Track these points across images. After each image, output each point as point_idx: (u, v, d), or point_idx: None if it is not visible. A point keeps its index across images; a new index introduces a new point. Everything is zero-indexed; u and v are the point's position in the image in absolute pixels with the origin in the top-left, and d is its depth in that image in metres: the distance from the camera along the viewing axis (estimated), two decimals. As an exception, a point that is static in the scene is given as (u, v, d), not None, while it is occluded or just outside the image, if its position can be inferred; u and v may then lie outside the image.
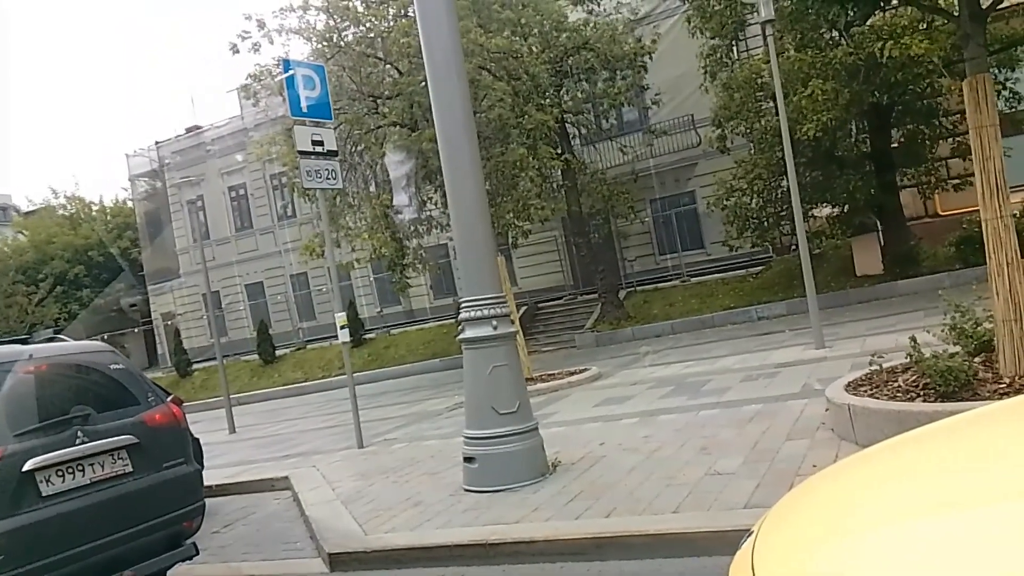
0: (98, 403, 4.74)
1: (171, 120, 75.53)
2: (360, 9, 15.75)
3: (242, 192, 32.09)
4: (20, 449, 4.19)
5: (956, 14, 6.14)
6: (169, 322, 33.46)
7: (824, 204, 17.99)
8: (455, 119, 6.52)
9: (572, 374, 13.11)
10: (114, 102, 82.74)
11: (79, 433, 4.46)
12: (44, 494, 4.22)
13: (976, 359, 5.83)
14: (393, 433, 11.00)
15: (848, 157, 17.37)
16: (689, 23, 17.39)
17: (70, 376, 4.91)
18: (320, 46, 15.44)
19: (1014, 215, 5.67)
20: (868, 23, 14.48)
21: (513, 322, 7.27)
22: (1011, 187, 5.73)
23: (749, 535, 1.88)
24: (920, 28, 13.88)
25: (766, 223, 18.49)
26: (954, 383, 5.33)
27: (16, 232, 37.32)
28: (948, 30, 12.94)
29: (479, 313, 6.35)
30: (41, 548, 4.08)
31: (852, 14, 14.46)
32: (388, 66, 15.72)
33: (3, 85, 77.56)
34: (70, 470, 4.37)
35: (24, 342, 5.03)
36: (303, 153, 9.82)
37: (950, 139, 17.61)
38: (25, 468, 4.15)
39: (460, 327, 6.62)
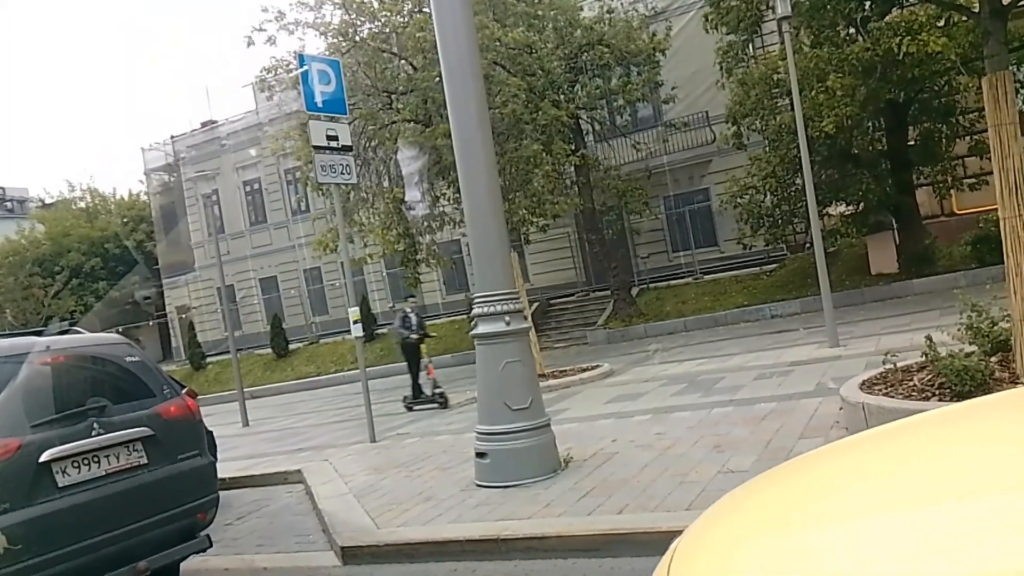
0: (114, 395, 4.77)
1: (186, 114, 75.95)
2: (375, 4, 15.76)
3: (256, 186, 32.22)
4: (37, 440, 4.22)
5: (976, 11, 6.09)
6: (184, 315, 33.66)
7: (839, 202, 17.88)
8: (470, 115, 6.52)
9: (584, 371, 13.10)
10: (130, 96, 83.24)
11: (95, 425, 4.49)
12: (60, 485, 4.25)
13: (992, 359, 5.79)
14: (405, 428, 11.03)
15: (864, 155, 17.25)
16: (707, 20, 17.30)
17: (86, 368, 4.94)
18: (335, 41, 15.47)
19: (1033, 214, 5.61)
20: (885, 19, 14.38)
21: (526, 318, 7.27)
22: (1030, 186, 5.68)
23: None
24: (938, 25, 13.76)
25: (780, 221, 18.41)
26: (970, 382, 5.29)
27: (33, 223, 37.54)
28: (967, 27, 12.84)
29: (492, 309, 6.36)
30: (57, 538, 4.11)
31: (869, 9, 14.42)
32: (403, 62, 15.75)
33: (22, 79, 78.21)
34: (86, 461, 4.40)
35: (38, 335, 5.07)
36: (318, 148, 9.85)
37: (967, 137, 17.46)
38: (42, 459, 4.18)
39: (473, 323, 6.63)
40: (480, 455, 6.44)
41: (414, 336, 13.24)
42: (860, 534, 1.42)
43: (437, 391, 12.74)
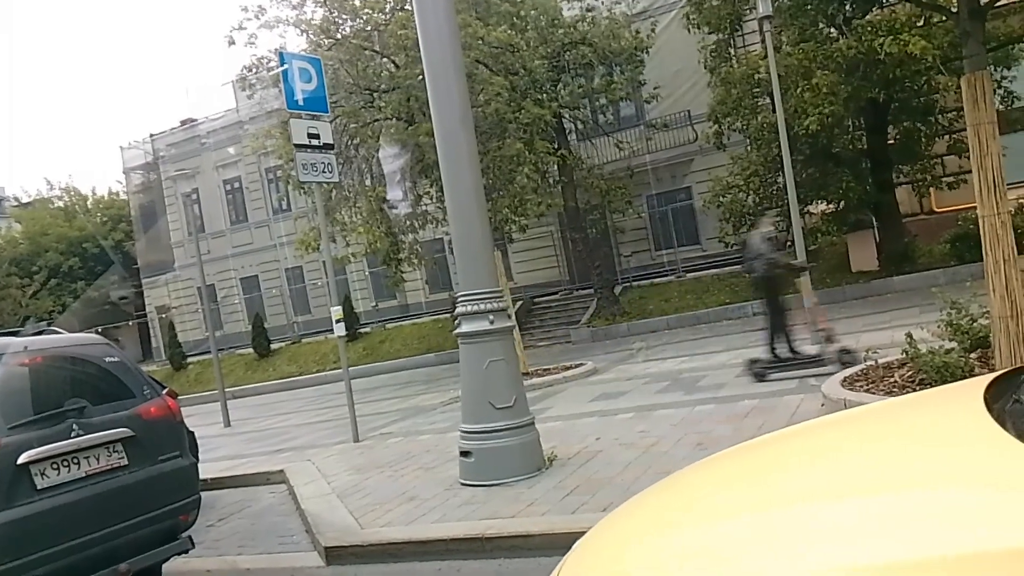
0: (93, 396, 4.72)
1: (166, 112, 75.28)
2: (357, 2, 15.69)
3: (237, 185, 32.00)
4: (15, 442, 4.17)
5: (955, 11, 6.15)
6: (164, 315, 33.38)
7: (820, 201, 18.01)
8: (452, 113, 6.51)
9: (567, 369, 13.12)
10: (109, 94, 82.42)
11: (74, 426, 4.43)
12: (39, 487, 4.19)
13: (972, 355, 5.86)
14: (388, 427, 10.99)
15: (844, 154, 17.37)
16: (688, 19, 17.37)
17: (65, 368, 4.88)
18: (317, 38, 15.39)
19: (1011, 212, 5.68)
20: (866, 18, 14.48)
21: (509, 317, 7.26)
22: (1008, 184, 5.74)
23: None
24: (918, 25, 13.88)
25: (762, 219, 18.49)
26: (950, 379, 5.34)
27: (10, 222, 37.12)
28: (946, 27, 12.96)
29: (476, 307, 6.35)
30: (36, 541, 4.06)
31: (850, 9, 14.55)
32: (385, 59, 15.68)
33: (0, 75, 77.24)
34: (65, 463, 4.35)
35: (15, 335, 5.00)
36: (299, 146, 9.79)
37: (946, 136, 17.64)
38: (20, 461, 4.13)
39: (456, 321, 6.62)
40: (464, 454, 6.43)
41: (795, 262, 9.36)
42: (740, 530, 1.52)
43: (838, 348, 8.52)
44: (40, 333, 5.16)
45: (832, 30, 15.61)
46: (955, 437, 1.70)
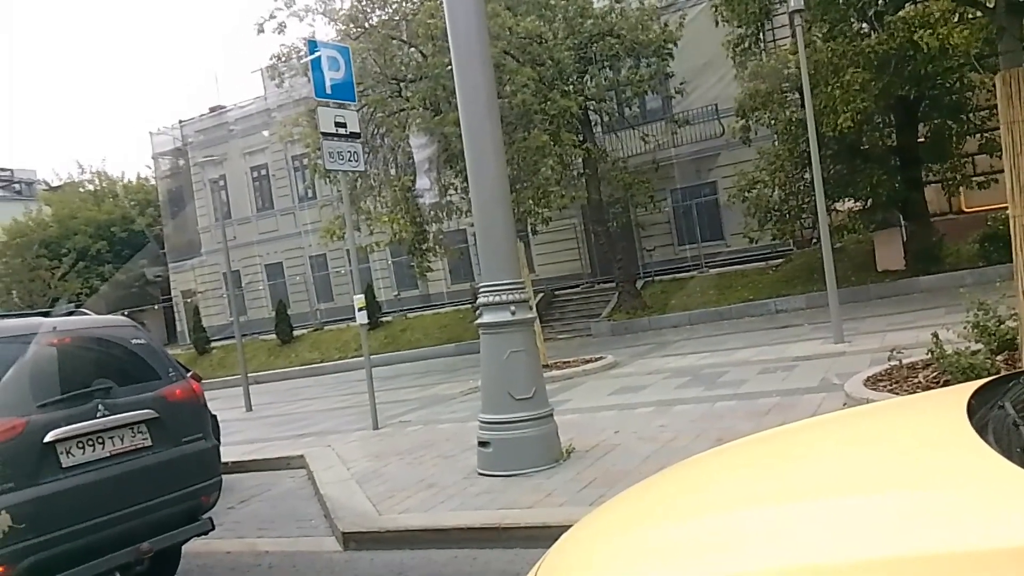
0: (119, 377, 4.78)
1: (195, 99, 75.93)
2: (386, -9, 15.71)
3: (264, 172, 32.22)
4: (42, 420, 4.23)
5: (991, 6, 6.04)
6: (189, 299, 33.74)
7: (847, 198, 17.81)
8: (479, 103, 6.50)
9: (587, 362, 13.11)
10: (140, 80, 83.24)
11: (100, 406, 4.49)
12: (64, 465, 4.26)
13: (999, 357, 5.78)
14: (408, 415, 11.05)
15: (873, 151, 17.17)
16: (716, 11, 17.19)
17: (93, 349, 4.95)
18: (345, 27, 15.44)
19: (1043, 213, 5.58)
20: (899, 13, 14.26)
21: (531, 308, 7.27)
22: (1041, 184, 5.64)
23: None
24: (952, 20, 13.65)
25: (787, 216, 18.34)
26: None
27: (40, 205, 37.64)
28: (981, 23, 12.73)
29: (497, 298, 6.36)
30: (60, 518, 4.12)
31: (882, 4, 14.33)
32: (412, 49, 15.69)
33: (32, 61, 78.29)
34: (90, 442, 4.41)
35: (45, 316, 5.08)
36: (326, 134, 9.84)
37: (977, 135, 17.35)
38: (47, 439, 4.19)
39: (478, 312, 6.63)
40: (483, 444, 6.45)
41: None
42: (709, 528, 1.59)
43: None
44: (70, 314, 5.24)
45: (863, 25, 15.39)
46: (932, 443, 1.73)
